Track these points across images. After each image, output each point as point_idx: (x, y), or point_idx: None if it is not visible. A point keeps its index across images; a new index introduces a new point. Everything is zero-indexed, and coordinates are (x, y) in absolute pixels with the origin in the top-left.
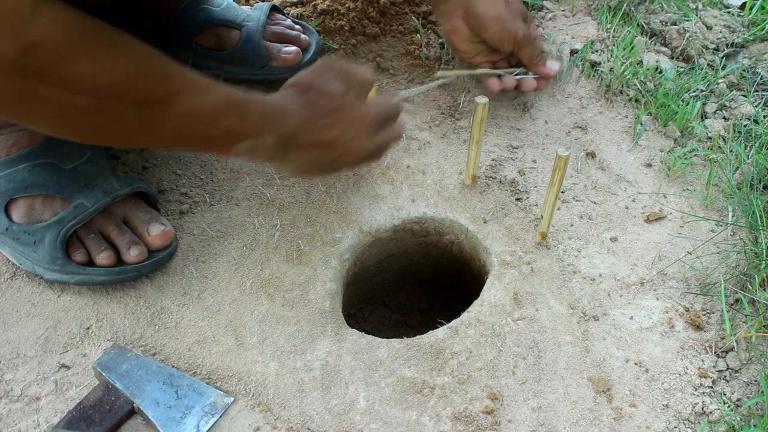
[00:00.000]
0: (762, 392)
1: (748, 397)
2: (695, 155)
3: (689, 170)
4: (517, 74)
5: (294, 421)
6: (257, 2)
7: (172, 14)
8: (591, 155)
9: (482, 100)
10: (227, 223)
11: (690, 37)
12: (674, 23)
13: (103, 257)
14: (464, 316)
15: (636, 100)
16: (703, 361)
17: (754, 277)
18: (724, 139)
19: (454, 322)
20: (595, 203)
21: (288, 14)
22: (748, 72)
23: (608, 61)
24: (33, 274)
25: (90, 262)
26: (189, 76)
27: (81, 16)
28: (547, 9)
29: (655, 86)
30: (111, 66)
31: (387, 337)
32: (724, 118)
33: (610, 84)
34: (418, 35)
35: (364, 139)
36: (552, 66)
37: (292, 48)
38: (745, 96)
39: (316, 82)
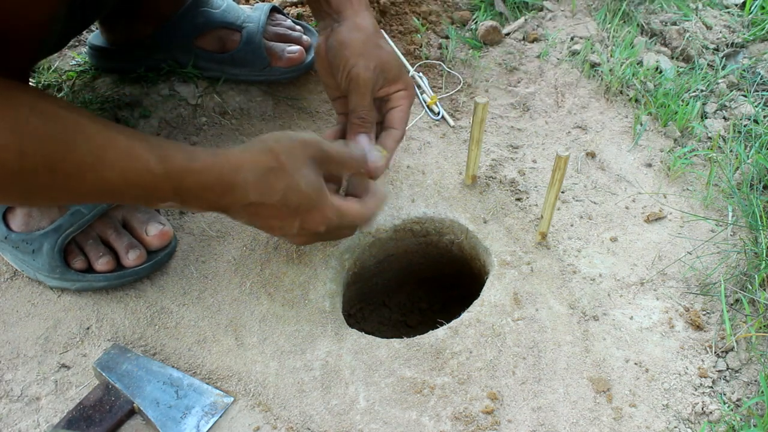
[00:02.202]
0: (762, 392)
1: (748, 397)
2: (695, 155)
3: (689, 170)
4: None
5: (294, 421)
6: (257, 3)
7: (172, 18)
8: (591, 155)
9: (482, 100)
10: (227, 223)
11: (690, 37)
12: (674, 23)
13: (102, 263)
14: (464, 316)
15: (636, 100)
16: (703, 361)
17: (754, 277)
18: (724, 139)
19: (454, 322)
20: (595, 203)
21: (288, 14)
22: (748, 72)
23: (608, 61)
24: (35, 280)
25: (89, 268)
26: (99, 142)
27: None
28: (547, 9)
29: (655, 86)
30: None
31: (387, 337)
32: (724, 118)
33: (610, 84)
34: (418, 35)
35: (309, 239)
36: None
37: (296, 47)
38: (745, 96)
39: (289, 166)
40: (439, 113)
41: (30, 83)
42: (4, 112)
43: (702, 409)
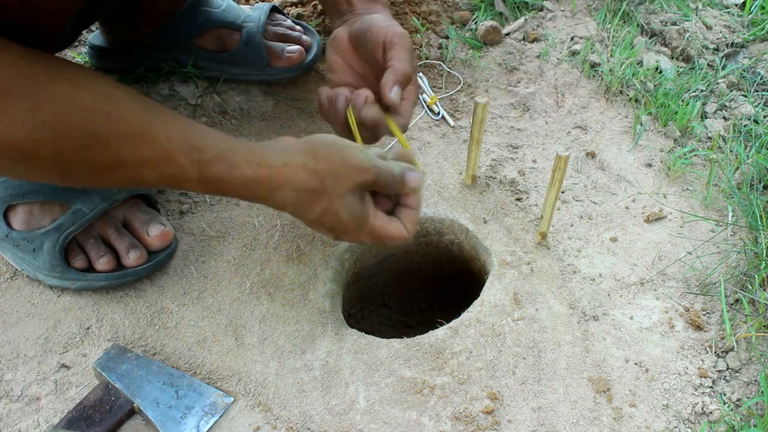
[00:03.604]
0: (762, 392)
1: (748, 397)
2: (695, 155)
3: (689, 170)
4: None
5: (294, 421)
6: (257, 2)
7: (172, 17)
8: (591, 155)
9: (482, 100)
10: (227, 223)
11: (690, 37)
12: (674, 23)
13: (102, 263)
14: (464, 316)
15: (636, 100)
16: (703, 361)
17: (754, 277)
18: (724, 139)
19: (454, 322)
20: (595, 203)
21: (288, 14)
22: (748, 72)
23: (608, 61)
24: (35, 279)
25: (90, 268)
26: (137, 138)
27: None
28: (547, 9)
29: (655, 86)
30: (26, 135)
31: (387, 337)
32: (724, 118)
33: (610, 84)
34: (418, 35)
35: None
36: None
37: (296, 47)
38: (745, 96)
39: (331, 190)
40: (439, 113)
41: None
42: (43, 104)
43: (702, 409)
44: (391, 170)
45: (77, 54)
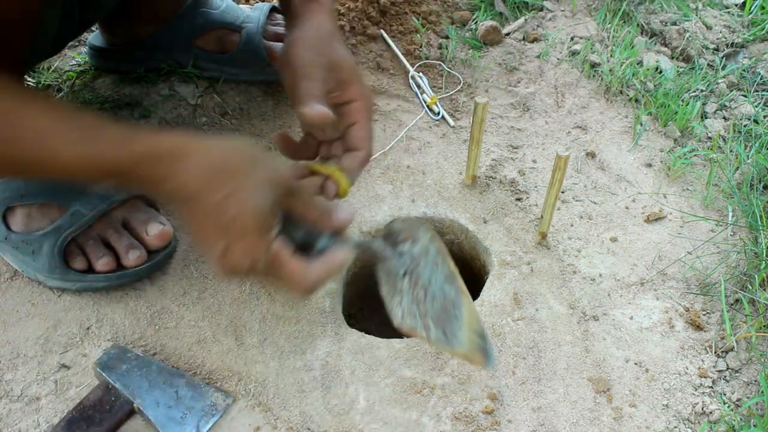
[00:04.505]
0: (762, 392)
1: (748, 397)
2: (695, 155)
3: (689, 170)
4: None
5: (294, 421)
6: (257, 3)
7: (172, 18)
8: (591, 155)
9: (482, 100)
10: None
11: (690, 37)
12: (674, 23)
13: (102, 263)
14: None
15: (636, 100)
16: (703, 361)
17: (754, 277)
18: (724, 139)
19: None
20: (595, 203)
21: None
22: (748, 72)
23: (608, 61)
24: (35, 280)
25: (89, 268)
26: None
27: None
28: (547, 9)
29: (655, 86)
30: None
31: (387, 337)
32: (724, 118)
33: (610, 84)
34: (418, 35)
35: (229, 270)
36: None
37: None
38: (745, 96)
39: (245, 173)
40: (439, 113)
41: (30, 84)
42: None
43: (702, 409)
44: (317, 198)
45: (77, 54)
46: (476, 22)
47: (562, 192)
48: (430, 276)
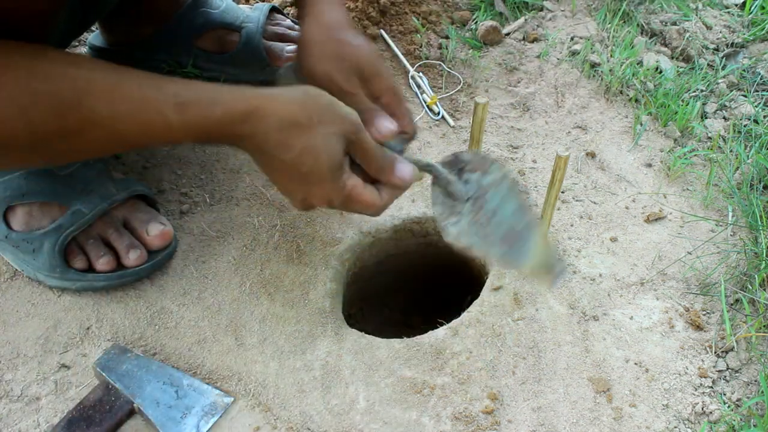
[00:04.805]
0: (762, 392)
1: (748, 397)
2: (695, 155)
3: (689, 170)
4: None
5: (294, 421)
6: (256, 3)
7: (172, 18)
8: (591, 155)
9: (482, 100)
10: (227, 223)
11: (690, 37)
12: (674, 23)
13: (102, 263)
14: (464, 316)
15: (636, 100)
16: (703, 361)
17: (754, 277)
18: (724, 139)
19: (454, 322)
20: (595, 203)
21: (287, 14)
22: (748, 72)
23: (608, 61)
24: (35, 280)
25: (90, 268)
26: (109, 93)
27: None
28: (547, 9)
29: (655, 86)
30: None
31: (387, 337)
32: (724, 118)
33: (610, 84)
34: (418, 35)
35: (310, 208)
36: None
37: (295, 47)
38: (745, 96)
39: (317, 128)
40: (439, 113)
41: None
42: (6, 80)
43: (702, 409)
44: (381, 150)
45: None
46: (476, 22)
47: (562, 192)
48: (498, 204)
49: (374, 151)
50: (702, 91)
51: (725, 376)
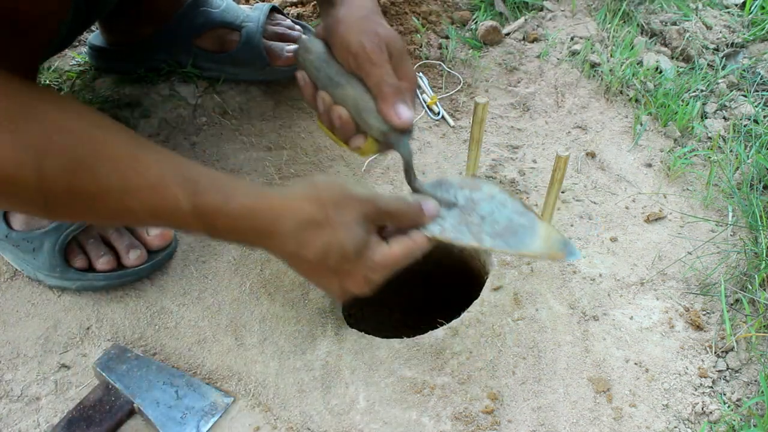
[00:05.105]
0: (762, 392)
1: (748, 397)
2: (695, 155)
3: (689, 170)
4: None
5: (294, 421)
6: (256, 2)
7: (172, 18)
8: (591, 155)
9: (482, 100)
10: None
11: (690, 37)
12: (674, 23)
13: (102, 262)
14: (464, 316)
15: (636, 100)
16: (703, 361)
17: (754, 277)
18: (724, 139)
19: (454, 322)
20: (595, 203)
21: (288, 14)
22: (748, 72)
23: (608, 61)
24: (35, 279)
25: (90, 267)
26: (127, 164)
27: None
28: (547, 9)
29: (655, 86)
30: (8, 155)
31: (387, 337)
32: (724, 118)
33: (610, 84)
34: (418, 35)
35: (351, 296)
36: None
37: (295, 46)
38: (745, 96)
39: (335, 220)
40: (439, 113)
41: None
42: (28, 126)
43: (702, 409)
44: (403, 198)
45: (77, 54)
46: (476, 22)
47: (562, 192)
48: (493, 209)
49: (401, 210)
50: (702, 91)
51: (725, 376)
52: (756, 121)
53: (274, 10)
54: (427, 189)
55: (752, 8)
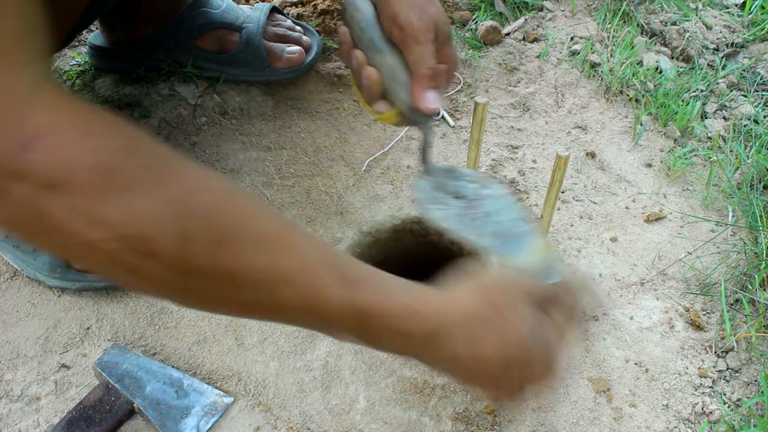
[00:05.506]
0: (762, 392)
1: (748, 397)
2: (695, 155)
3: (689, 170)
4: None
5: (294, 421)
6: (257, 3)
7: (172, 18)
8: (591, 155)
9: (482, 100)
10: None
11: (690, 37)
12: (674, 23)
13: None
14: None
15: (636, 100)
16: (703, 361)
17: (754, 277)
18: (724, 139)
19: None
20: (595, 203)
21: (288, 14)
22: (748, 72)
23: (608, 61)
24: (35, 279)
25: None
26: (274, 243)
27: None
28: (547, 9)
29: (655, 86)
30: (149, 209)
31: None
32: (724, 118)
33: (610, 84)
34: None
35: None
36: (430, 100)
37: (296, 48)
38: (745, 96)
39: (504, 308)
40: (439, 113)
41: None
42: (169, 182)
43: (702, 409)
44: (570, 278)
45: (77, 54)
46: (476, 22)
47: (562, 192)
48: (497, 210)
49: (567, 287)
50: (702, 91)
51: (725, 376)
52: (756, 121)
53: (274, 10)
54: (439, 173)
55: (752, 8)
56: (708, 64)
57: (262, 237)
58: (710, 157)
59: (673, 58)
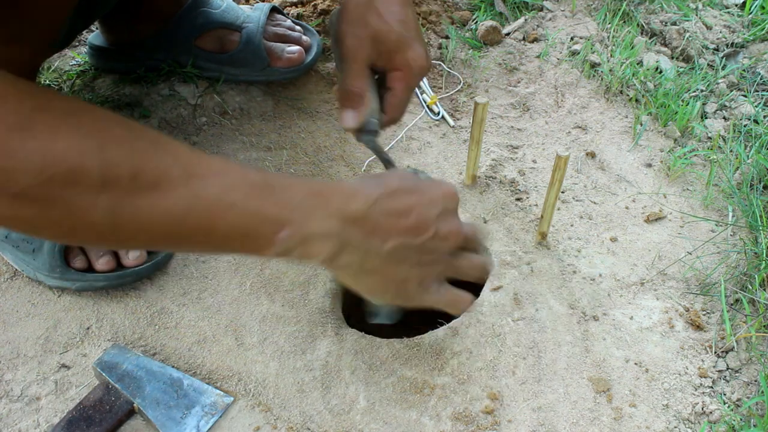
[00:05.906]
0: (762, 392)
1: (748, 397)
2: (695, 155)
3: (689, 170)
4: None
5: (294, 421)
6: (257, 3)
7: (172, 18)
8: (591, 155)
9: (482, 100)
10: None
11: (690, 37)
12: (674, 23)
13: (102, 262)
14: (464, 316)
15: (636, 100)
16: (703, 361)
17: (754, 277)
18: (724, 139)
19: (454, 322)
20: (595, 203)
21: (288, 14)
22: (748, 72)
23: (608, 61)
24: (35, 279)
25: (90, 268)
26: (188, 155)
27: (26, 84)
28: (547, 9)
29: (655, 86)
30: (72, 145)
31: (387, 337)
32: (724, 118)
33: (610, 84)
34: None
35: (455, 225)
36: (345, 119)
37: (296, 47)
38: (745, 96)
39: (423, 190)
40: (439, 113)
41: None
42: (87, 119)
43: (702, 409)
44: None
45: (77, 54)
46: (476, 22)
47: (562, 192)
48: None
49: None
50: (702, 91)
51: (725, 376)
52: (756, 121)
53: (274, 10)
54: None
55: (752, 8)
56: (708, 64)
57: (176, 151)
58: (710, 157)
59: (673, 58)
